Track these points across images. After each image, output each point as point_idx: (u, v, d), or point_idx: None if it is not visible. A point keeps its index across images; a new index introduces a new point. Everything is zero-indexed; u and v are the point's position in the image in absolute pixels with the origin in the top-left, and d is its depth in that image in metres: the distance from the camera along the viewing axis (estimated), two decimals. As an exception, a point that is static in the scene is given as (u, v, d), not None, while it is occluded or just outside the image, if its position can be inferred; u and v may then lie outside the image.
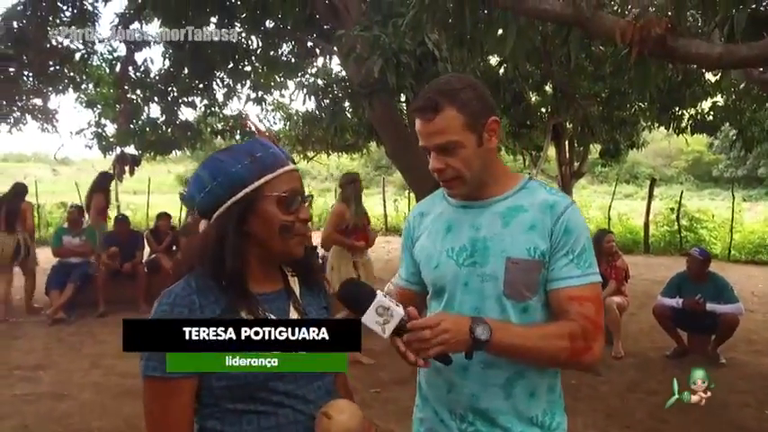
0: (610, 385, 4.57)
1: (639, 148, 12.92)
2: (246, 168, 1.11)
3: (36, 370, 4.83)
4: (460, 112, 1.30)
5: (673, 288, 5.32)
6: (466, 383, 1.36)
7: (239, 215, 1.11)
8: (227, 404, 1.10)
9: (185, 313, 1.07)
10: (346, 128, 9.71)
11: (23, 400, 4.18)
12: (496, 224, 1.36)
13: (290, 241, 1.15)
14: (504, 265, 1.32)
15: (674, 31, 2.74)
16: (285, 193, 1.12)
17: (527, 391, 1.35)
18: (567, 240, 1.32)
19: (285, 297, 1.21)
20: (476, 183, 1.37)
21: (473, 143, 1.32)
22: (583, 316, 1.29)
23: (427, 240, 1.45)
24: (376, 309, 1.16)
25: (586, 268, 1.33)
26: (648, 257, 12.36)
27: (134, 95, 9.67)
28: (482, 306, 1.34)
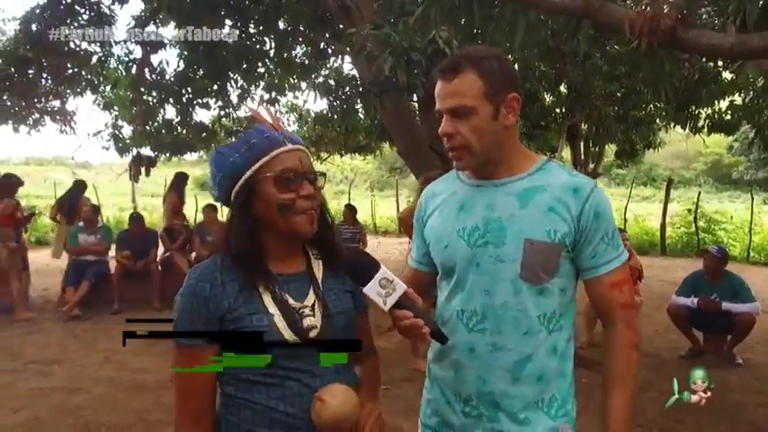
0: (622, 385, 4.51)
1: (656, 148, 12.78)
2: (243, 156, 1.18)
3: (51, 364, 4.90)
4: (481, 78, 1.27)
5: (688, 287, 5.24)
6: (472, 365, 1.33)
7: (243, 200, 1.18)
8: (241, 373, 1.17)
9: (207, 288, 1.16)
10: (359, 128, 9.74)
11: (37, 393, 4.24)
12: (513, 204, 1.31)
13: (292, 219, 1.18)
14: (521, 247, 1.28)
15: (684, 22, 2.70)
16: (281, 173, 1.16)
17: (535, 374, 1.31)
18: (599, 224, 1.30)
19: (307, 279, 1.24)
20: (485, 158, 1.33)
21: (488, 114, 1.28)
22: (624, 305, 1.34)
23: (438, 220, 1.42)
24: (379, 281, 1.16)
25: (618, 246, 1.34)
26: (665, 259, 12.19)
27: (150, 97, 9.80)
28: (494, 288, 1.31)
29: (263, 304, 1.17)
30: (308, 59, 9.55)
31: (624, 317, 1.34)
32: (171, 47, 9.45)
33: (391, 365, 4.74)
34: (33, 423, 3.69)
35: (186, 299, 1.18)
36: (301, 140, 1.28)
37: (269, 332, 1.15)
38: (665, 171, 34.56)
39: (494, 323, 1.30)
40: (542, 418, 1.32)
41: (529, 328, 1.30)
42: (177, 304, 1.20)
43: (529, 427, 1.31)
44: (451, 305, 1.37)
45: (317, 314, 1.21)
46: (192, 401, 1.18)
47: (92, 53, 9.34)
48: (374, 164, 24.86)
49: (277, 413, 1.15)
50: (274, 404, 1.15)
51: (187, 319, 1.17)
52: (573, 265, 1.34)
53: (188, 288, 1.18)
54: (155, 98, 9.77)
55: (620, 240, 1.36)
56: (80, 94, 10.15)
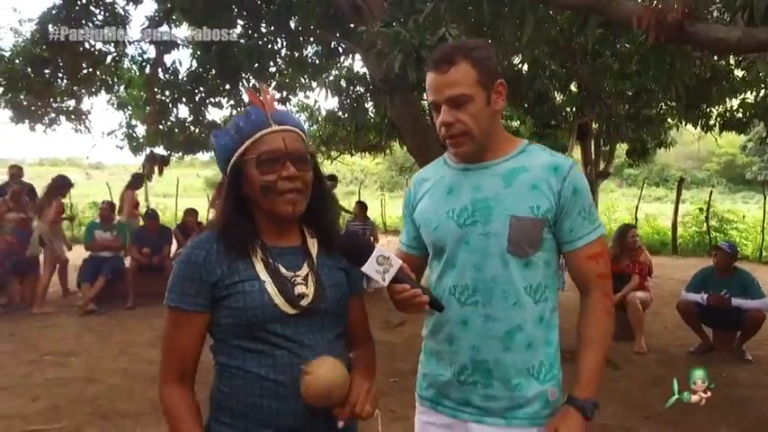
0: (631, 379, 4.53)
1: (668, 147, 12.71)
2: (232, 139, 1.24)
3: (67, 356, 5.00)
4: (474, 68, 1.35)
5: (698, 283, 5.24)
6: (466, 336, 1.41)
7: (232, 181, 1.24)
8: (233, 341, 1.22)
9: (202, 255, 1.21)
10: (369, 126, 9.80)
11: (55, 383, 4.34)
12: (498, 185, 1.40)
13: (273, 200, 1.21)
14: (507, 223, 1.37)
15: (691, 16, 2.73)
16: (261, 155, 1.20)
17: (525, 342, 1.40)
18: (576, 199, 1.39)
19: (301, 253, 1.29)
20: (481, 141, 1.40)
21: (483, 100, 1.36)
22: (600, 275, 1.43)
23: (428, 203, 1.50)
24: (376, 258, 1.23)
25: (595, 221, 1.43)
26: (676, 258, 12.13)
27: (163, 96, 9.91)
28: (483, 262, 1.39)
29: (255, 272, 1.21)
30: (319, 58, 9.63)
31: (600, 286, 1.44)
32: (184, 47, 9.58)
33: (400, 359, 4.79)
34: (52, 411, 3.79)
35: (181, 265, 1.23)
36: (294, 120, 1.30)
37: (260, 297, 1.19)
38: (677, 171, 34.28)
39: (485, 296, 1.39)
40: (533, 382, 1.40)
41: (517, 299, 1.39)
42: (174, 270, 1.25)
43: (521, 391, 1.40)
44: (443, 282, 1.44)
45: (309, 284, 1.24)
46: (177, 361, 1.23)
47: (106, 53, 9.47)
48: (384, 164, 24.93)
49: (267, 381, 1.18)
50: (265, 372, 1.18)
51: (180, 283, 1.21)
52: (555, 240, 1.43)
53: (184, 255, 1.24)
54: (168, 97, 9.88)
55: (597, 215, 1.45)
56: (94, 94, 10.32)
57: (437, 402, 1.49)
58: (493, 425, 1.40)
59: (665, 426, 3.66)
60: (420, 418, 1.55)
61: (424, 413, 1.54)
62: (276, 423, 1.18)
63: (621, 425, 3.69)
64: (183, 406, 1.21)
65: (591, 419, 1.39)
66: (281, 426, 1.19)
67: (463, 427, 1.44)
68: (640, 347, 5.24)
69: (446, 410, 1.47)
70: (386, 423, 3.31)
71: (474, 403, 1.42)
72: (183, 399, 1.22)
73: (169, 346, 1.24)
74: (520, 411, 1.39)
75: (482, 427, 1.41)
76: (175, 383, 1.23)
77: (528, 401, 1.40)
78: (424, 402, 1.53)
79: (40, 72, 9.09)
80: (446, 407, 1.47)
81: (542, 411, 1.41)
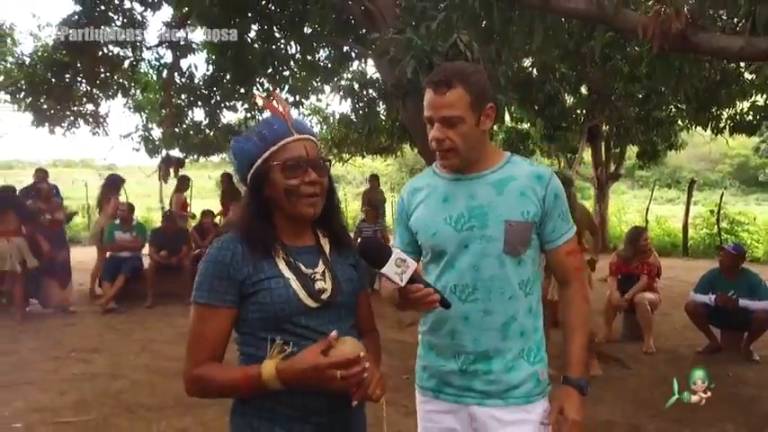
0: (639, 378, 4.62)
1: (678, 149, 12.74)
2: (255, 145, 1.33)
3: (91, 353, 5.19)
4: (468, 93, 1.50)
5: (705, 284, 5.31)
6: (467, 330, 1.57)
7: (255, 185, 1.33)
8: (261, 333, 1.30)
9: (229, 255, 1.29)
10: (381, 130, 9.94)
11: (81, 378, 4.52)
12: (491, 193, 1.56)
13: (297, 203, 1.32)
14: (503, 227, 1.54)
15: (694, 26, 2.84)
16: (286, 161, 1.31)
17: (519, 331, 1.58)
18: (556, 204, 1.59)
19: (316, 252, 1.40)
20: (467, 157, 1.57)
21: (472, 122, 1.52)
22: (577, 269, 1.67)
23: (424, 211, 1.64)
24: (395, 261, 1.34)
25: (569, 221, 1.65)
26: (687, 260, 12.13)
27: (179, 100, 10.12)
28: (480, 263, 1.55)
29: (278, 270, 1.31)
30: (332, 63, 9.79)
31: (578, 277, 1.67)
32: (199, 51, 9.77)
33: (411, 357, 4.89)
34: (80, 404, 3.96)
35: (209, 264, 1.29)
36: (309, 129, 1.40)
37: (286, 293, 1.28)
38: (689, 173, 34.05)
39: (484, 293, 1.55)
40: (525, 365, 1.59)
41: (512, 293, 1.57)
42: (200, 269, 1.31)
43: (516, 372, 1.57)
44: (443, 282, 1.59)
45: (327, 280, 1.36)
46: (206, 353, 1.27)
47: (124, 58, 9.69)
48: (394, 166, 25.05)
49: None
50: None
51: (209, 281, 1.28)
52: (538, 240, 1.62)
53: (211, 255, 1.30)
54: (184, 101, 10.09)
55: (570, 217, 1.65)
56: (112, 98, 10.54)
57: (439, 391, 1.63)
58: (493, 406, 1.56)
59: (673, 423, 3.75)
60: (422, 408, 1.69)
61: (426, 402, 1.67)
62: (304, 406, 1.29)
63: (629, 422, 3.78)
64: (219, 367, 1.28)
65: (585, 395, 1.59)
66: (309, 408, 1.30)
67: (465, 411, 1.59)
68: (649, 347, 5.32)
69: (448, 397, 1.61)
70: (399, 418, 3.42)
71: (476, 388, 1.57)
72: (215, 364, 1.28)
73: (197, 341, 1.29)
74: (516, 391, 1.57)
75: (483, 408, 1.57)
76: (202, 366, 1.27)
77: (522, 382, 1.57)
78: (426, 392, 1.66)
79: (60, 77, 9.32)
80: (448, 394, 1.61)
81: (534, 389, 1.59)
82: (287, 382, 1.21)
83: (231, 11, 8.04)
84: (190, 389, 1.31)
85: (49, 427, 3.57)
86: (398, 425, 3.28)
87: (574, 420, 1.53)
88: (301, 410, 1.30)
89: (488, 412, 1.56)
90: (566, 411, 1.55)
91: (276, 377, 1.20)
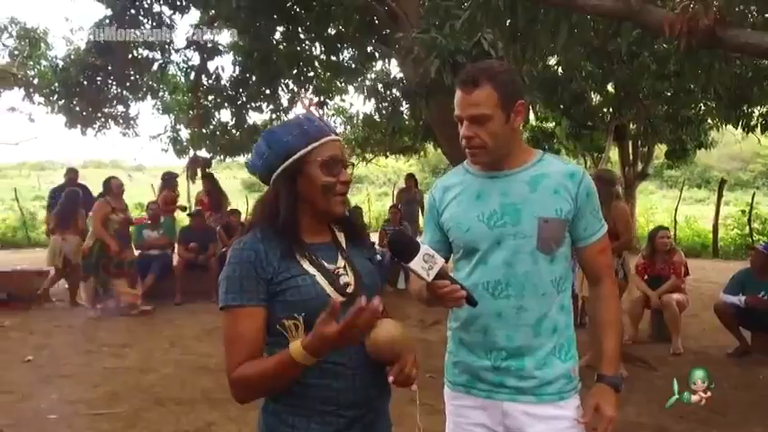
0: (666, 380, 4.54)
1: (708, 148, 12.49)
2: (296, 138, 1.33)
3: (122, 348, 5.33)
4: (496, 91, 1.51)
5: (735, 285, 5.21)
6: (500, 326, 1.57)
7: (290, 177, 1.32)
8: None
9: (253, 255, 1.28)
10: (404, 130, 9.97)
11: (112, 372, 4.65)
12: (525, 190, 1.57)
13: (331, 199, 1.34)
14: (536, 224, 1.54)
15: (723, 22, 2.80)
16: (327, 159, 1.33)
17: (551, 327, 1.58)
18: (589, 201, 1.60)
19: (334, 247, 1.42)
20: (497, 154, 1.58)
21: (501, 119, 1.53)
22: (608, 266, 1.69)
23: (457, 209, 1.65)
24: (423, 256, 1.36)
25: (601, 219, 1.65)
26: (717, 262, 11.87)
27: (206, 101, 10.30)
28: (513, 259, 1.55)
29: (302, 268, 1.31)
30: (356, 63, 9.86)
31: (610, 275, 1.68)
32: (226, 53, 9.94)
33: (435, 356, 4.91)
34: (112, 397, 4.08)
35: (235, 266, 1.28)
36: (336, 132, 1.44)
37: (314, 289, 1.29)
38: (720, 173, 33.21)
39: (517, 289, 1.55)
40: (557, 362, 1.59)
41: (545, 290, 1.57)
42: (226, 272, 1.29)
43: (549, 368, 1.57)
44: (476, 279, 1.60)
45: (349, 273, 1.36)
46: (246, 353, 1.26)
47: (153, 60, 9.92)
48: (417, 166, 25.00)
49: (326, 363, 1.27)
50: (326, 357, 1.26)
51: (237, 283, 1.27)
52: (570, 237, 1.63)
53: (235, 257, 1.29)
54: (211, 102, 10.27)
55: (601, 215, 1.65)
56: (141, 99, 10.79)
57: (471, 386, 1.63)
58: (526, 402, 1.56)
59: (699, 425, 3.70)
60: (453, 403, 1.69)
61: (456, 398, 1.68)
62: (337, 399, 1.31)
63: (656, 423, 3.74)
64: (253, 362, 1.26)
65: (620, 392, 1.59)
66: (342, 402, 1.31)
67: (498, 407, 1.59)
68: (677, 349, 5.23)
69: (480, 393, 1.62)
70: (424, 416, 3.45)
71: (508, 384, 1.57)
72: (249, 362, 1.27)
73: (236, 344, 1.27)
74: (548, 388, 1.57)
75: (516, 404, 1.57)
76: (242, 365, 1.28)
77: (555, 379, 1.57)
78: (458, 388, 1.67)
79: (91, 79, 9.57)
80: (481, 390, 1.62)
81: (567, 386, 1.59)
82: (317, 353, 1.19)
83: (257, 13, 8.16)
84: (237, 393, 1.28)
85: (83, 419, 3.69)
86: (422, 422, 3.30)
87: (611, 417, 1.53)
88: (334, 404, 1.31)
89: (521, 408, 1.56)
90: (601, 408, 1.54)
91: (305, 353, 1.19)
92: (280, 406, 1.33)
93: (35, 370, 4.70)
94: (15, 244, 14.26)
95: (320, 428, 1.31)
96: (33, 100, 11.71)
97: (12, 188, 17.12)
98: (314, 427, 1.31)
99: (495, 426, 1.60)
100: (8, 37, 11.10)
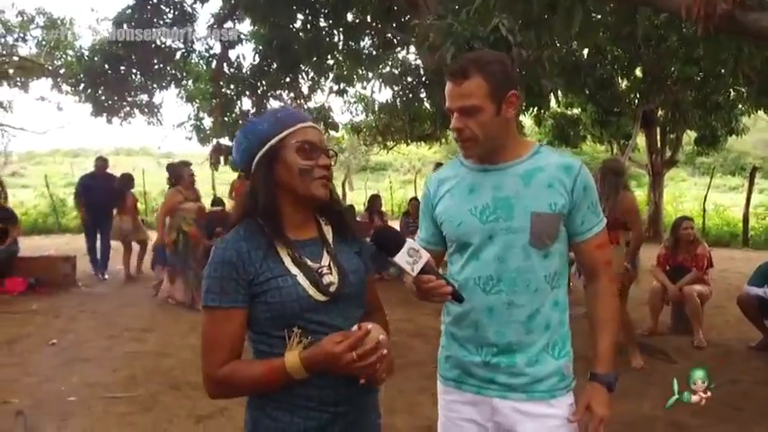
0: (685, 373, 4.45)
1: (739, 134, 12.10)
2: (270, 125, 1.32)
3: (143, 332, 5.46)
4: (486, 81, 1.47)
5: (760, 277, 5.06)
6: (491, 322, 1.54)
7: (268, 164, 1.31)
8: (273, 332, 1.30)
9: (235, 255, 1.27)
10: (423, 116, 9.89)
11: (132, 356, 4.77)
12: (518, 184, 1.53)
13: (310, 183, 1.32)
14: (529, 219, 1.50)
15: (743, 5, 2.69)
16: (302, 143, 1.32)
17: (543, 324, 1.54)
18: (586, 195, 1.55)
19: (320, 243, 1.40)
20: (489, 147, 1.54)
21: (492, 111, 1.49)
22: (606, 262, 1.62)
23: (450, 202, 1.63)
24: (407, 250, 1.36)
25: (599, 214, 1.60)
26: (747, 251, 11.55)
27: (228, 90, 10.38)
28: (506, 254, 1.52)
29: (285, 267, 1.29)
30: (375, 50, 9.80)
31: (607, 271, 1.62)
32: (247, 42, 9.98)
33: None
34: (130, 381, 4.19)
35: (216, 266, 1.27)
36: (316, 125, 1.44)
37: (294, 290, 1.27)
38: (755, 160, 32.20)
39: (509, 285, 1.52)
40: (549, 359, 1.55)
41: (537, 286, 1.53)
42: (207, 272, 1.29)
43: (540, 366, 1.54)
44: (468, 273, 1.57)
45: (333, 272, 1.35)
46: (224, 354, 1.27)
47: (176, 49, 10.02)
48: (441, 152, 24.83)
49: None
50: None
51: (218, 284, 1.26)
52: (567, 232, 1.58)
53: (217, 257, 1.28)
54: (232, 91, 10.34)
55: (600, 209, 1.61)
56: (165, 88, 10.93)
57: (462, 382, 1.62)
58: (516, 400, 1.54)
59: (716, 420, 3.61)
60: (444, 398, 1.68)
61: (447, 393, 1.67)
62: (320, 396, 1.31)
63: (672, 418, 3.67)
64: (242, 364, 1.28)
65: (614, 391, 1.56)
66: (324, 399, 1.32)
67: (488, 403, 1.57)
68: (699, 341, 5.12)
69: (471, 389, 1.60)
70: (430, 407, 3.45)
71: (498, 381, 1.55)
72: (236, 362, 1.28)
73: (214, 344, 1.28)
74: (539, 385, 1.54)
75: (506, 402, 1.55)
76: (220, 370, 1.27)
77: (546, 376, 1.54)
78: (448, 383, 1.66)
79: (116, 68, 9.74)
80: (471, 385, 1.60)
81: (559, 384, 1.56)
82: (311, 369, 1.22)
83: (277, 1, 8.16)
84: (213, 390, 1.31)
85: (101, 402, 3.79)
86: (429, 412, 3.31)
87: (602, 417, 1.50)
88: (316, 401, 1.32)
89: (511, 405, 1.54)
90: (593, 408, 1.52)
91: (300, 366, 1.21)
92: (265, 400, 1.34)
93: (58, 353, 4.86)
94: (46, 230, 14.67)
95: (303, 423, 1.32)
96: (61, 89, 12.00)
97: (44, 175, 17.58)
98: (297, 422, 1.32)
99: (485, 422, 1.58)
100: (35, 27, 11.34)
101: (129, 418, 3.56)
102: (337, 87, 10.57)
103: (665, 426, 3.56)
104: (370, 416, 1.46)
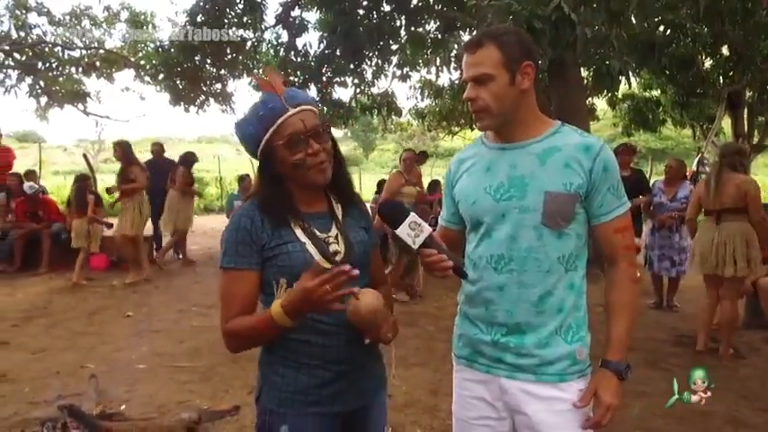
0: (753, 369, 4.21)
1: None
2: (255, 127, 1.40)
3: (210, 308, 5.79)
4: (499, 50, 1.46)
5: None
6: (502, 302, 1.53)
7: (264, 164, 1.42)
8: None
9: (249, 222, 1.39)
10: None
11: (198, 329, 5.09)
12: (534, 163, 1.51)
13: (306, 174, 1.40)
14: (542, 198, 1.48)
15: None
16: (287, 139, 1.37)
17: (556, 306, 1.51)
18: (606, 177, 1.49)
19: (329, 217, 1.49)
20: (503, 119, 1.52)
21: (505, 80, 1.47)
22: (626, 247, 1.56)
23: (467, 181, 1.63)
24: (409, 224, 1.39)
25: (622, 197, 1.54)
26: None
27: (295, 77, 10.63)
28: (518, 233, 1.51)
29: (295, 235, 1.40)
30: (439, 34, 9.71)
31: (626, 256, 1.56)
32: (313, 30, 10.17)
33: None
34: (193, 352, 4.48)
35: (232, 232, 1.39)
36: (305, 97, 1.44)
37: (302, 256, 1.38)
38: None
39: (520, 264, 1.50)
40: (561, 342, 1.52)
41: (550, 267, 1.50)
42: (224, 236, 1.41)
43: (550, 348, 1.51)
44: (481, 252, 1.57)
45: (340, 243, 1.44)
46: (238, 310, 1.37)
47: (246, 39, 10.38)
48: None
49: (314, 322, 1.37)
50: (311, 315, 1.35)
51: (233, 247, 1.38)
52: (586, 215, 1.53)
53: (233, 224, 1.40)
54: (299, 78, 10.59)
55: (623, 192, 1.54)
56: (238, 77, 11.35)
57: (473, 360, 1.63)
58: (524, 380, 1.53)
59: (783, 419, 3.40)
60: (457, 375, 1.71)
61: (460, 371, 1.69)
62: (323, 354, 1.41)
63: (730, 413, 3.49)
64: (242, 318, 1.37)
65: (625, 380, 1.50)
66: (327, 357, 1.42)
67: (496, 382, 1.57)
68: (773, 337, 4.81)
69: (480, 367, 1.60)
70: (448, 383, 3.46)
71: (506, 361, 1.55)
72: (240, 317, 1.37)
73: (229, 301, 1.39)
74: (549, 368, 1.51)
75: (513, 382, 1.54)
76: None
77: (556, 359, 1.51)
78: (460, 360, 1.68)
79: (190, 59, 10.21)
80: (481, 364, 1.60)
81: (570, 368, 1.52)
82: (292, 313, 1.28)
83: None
84: (228, 343, 1.42)
85: (166, 370, 4.08)
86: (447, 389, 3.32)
87: (609, 405, 1.47)
88: (320, 359, 1.41)
89: (518, 386, 1.53)
90: (600, 395, 1.48)
91: (282, 312, 1.28)
92: (272, 357, 1.45)
93: (133, 324, 5.26)
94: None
95: (307, 380, 1.42)
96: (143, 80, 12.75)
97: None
98: (301, 378, 1.42)
99: (495, 401, 1.58)
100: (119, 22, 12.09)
101: (190, 386, 3.81)
102: (401, 72, 10.57)
103: (722, 422, 3.39)
104: (373, 381, 1.54)
